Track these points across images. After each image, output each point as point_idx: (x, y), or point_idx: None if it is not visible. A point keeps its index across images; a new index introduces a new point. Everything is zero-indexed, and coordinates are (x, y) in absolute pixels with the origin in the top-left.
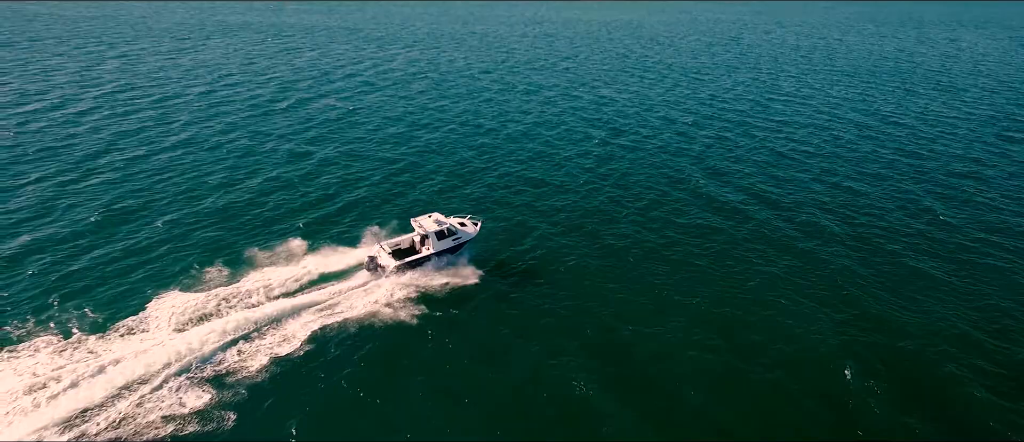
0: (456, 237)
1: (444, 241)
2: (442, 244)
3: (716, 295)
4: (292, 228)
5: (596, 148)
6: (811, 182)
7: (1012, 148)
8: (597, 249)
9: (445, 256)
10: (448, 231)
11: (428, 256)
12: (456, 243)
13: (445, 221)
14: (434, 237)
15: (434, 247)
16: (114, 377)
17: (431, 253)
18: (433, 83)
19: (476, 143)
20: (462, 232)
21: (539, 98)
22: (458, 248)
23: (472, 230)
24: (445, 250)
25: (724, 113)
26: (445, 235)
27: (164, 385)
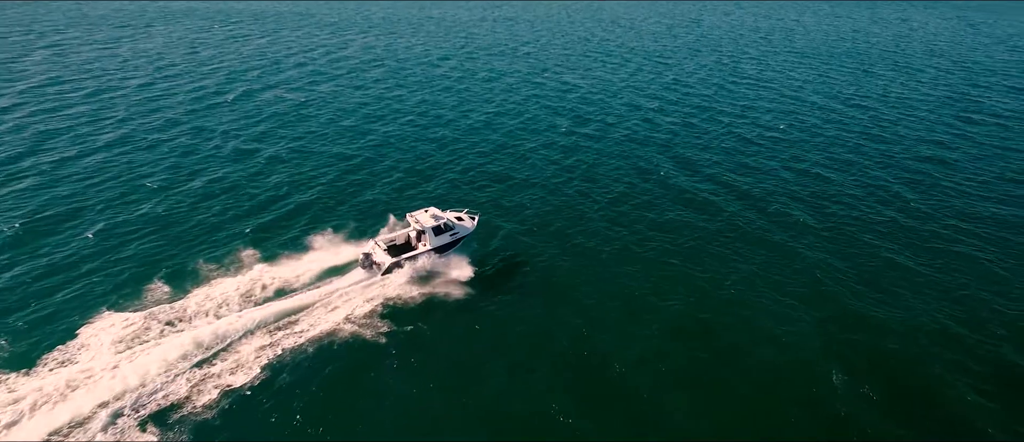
0: (453, 232)
1: (441, 237)
2: (439, 240)
3: (692, 296)
4: (240, 235)
5: (561, 138)
6: (780, 170)
7: (972, 129)
8: (567, 249)
9: (442, 252)
10: (445, 226)
11: (425, 252)
12: (453, 239)
13: (442, 216)
14: (431, 233)
15: (431, 243)
16: (38, 424)
17: (428, 249)
18: (390, 71)
19: (436, 135)
20: (459, 227)
21: (500, 85)
22: (455, 244)
23: (470, 225)
24: (442, 246)
25: (688, 98)
26: (442, 230)
27: (99, 429)
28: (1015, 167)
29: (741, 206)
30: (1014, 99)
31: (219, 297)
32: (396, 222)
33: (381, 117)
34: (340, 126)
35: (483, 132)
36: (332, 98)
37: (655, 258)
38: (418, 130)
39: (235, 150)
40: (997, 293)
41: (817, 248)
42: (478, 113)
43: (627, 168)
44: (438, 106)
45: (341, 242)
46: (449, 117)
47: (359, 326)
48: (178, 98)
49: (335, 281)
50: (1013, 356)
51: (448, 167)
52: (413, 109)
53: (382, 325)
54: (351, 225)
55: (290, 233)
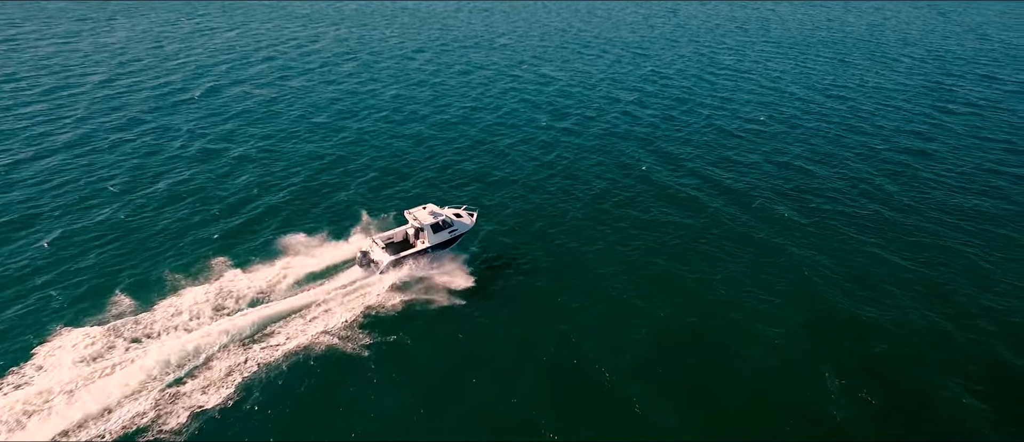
0: (452, 229)
1: (440, 234)
2: (438, 237)
3: (679, 298)
4: (208, 241)
5: (540, 133)
6: (763, 163)
7: (949, 120)
8: (550, 250)
9: (440, 250)
10: (443, 223)
11: (424, 250)
12: (453, 236)
13: (440, 212)
14: (429, 230)
15: (430, 241)
16: None
17: (427, 247)
18: (363, 64)
19: (412, 132)
20: (458, 224)
21: (477, 79)
22: (454, 241)
23: (469, 221)
24: (441, 243)
25: (667, 89)
26: (441, 227)
27: None
28: (993, 157)
29: (724, 202)
30: (986, 87)
31: (188, 309)
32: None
33: (354, 113)
34: (312, 123)
35: (460, 127)
36: (303, 93)
37: (639, 259)
38: (393, 126)
39: (202, 150)
40: (984, 288)
41: (803, 244)
42: (455, 108)
43: (608, 163)
44: (413, 101)
45: (316, 246)
46: (424, 112)
47: (338, 338)
48: (142, 95)
49: (332, 281)
50: (1005, 354)
51: (425, 165)
52: (387, 104)
53: (362, 336)
54: (325, 228)
55: (261, 238)
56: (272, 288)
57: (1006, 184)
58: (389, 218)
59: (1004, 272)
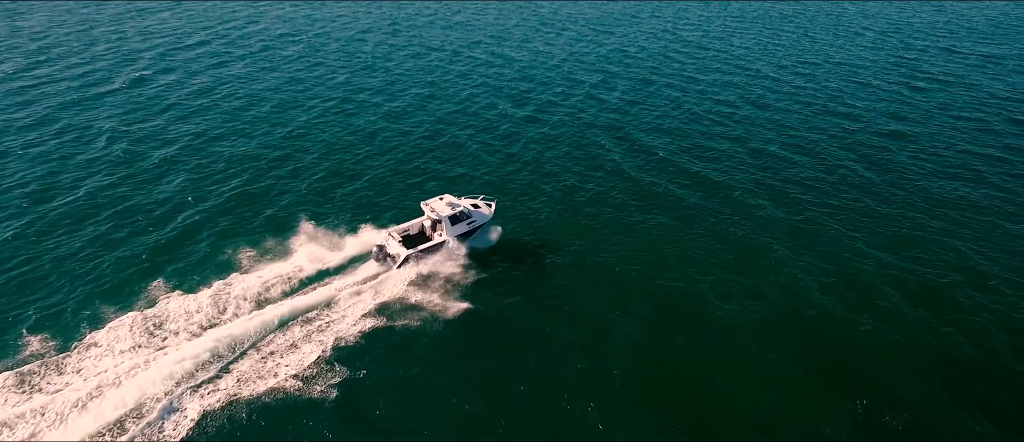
0: (471, 220)
1: (458, 225)
2: (457, 229)
3: (664, 320)
4: (135, 260)
5: (502, 122)
6: (737, 150)
7: (919, 98)
8: (522, 259)
9: (459, 242)
10: (462, 214)
11: (442, 243)
12: (471, 227)
13: (458, 203)
14: (448, 222)
15: (449, 233)
16: None
17: (445, 239)
18: (309, 47)
19: (362, 124)
20: (477, 214)
21: (432, 61)
22: (473, 233)
23: (487, 212)
24: (459, 236)
25: (632, 70)
26: (459, 219)
27: None
28: (966, 136)
29: (702, 196)
30: (949, 61)
31: (118, 344)
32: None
33: (299, 103)
34: (252, 116)
35: (416, 117)
36: (242, 82)
37: (620, 271)
38: (341, 118)
39: (126, 152)
40: (975, 283)
41: (787, 244)
42: (409, 95)
43: (577, 155)
44: (364, 88)
45: (263, 262)
46: (377, 101)
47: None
48: (60, 87)
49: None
50: (1014, 363)
51: (378, 162)
52: (336, 92)
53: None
54: (268, 240)
55: (197, 254)
56: (223, 317)
57: (985, 168)
58: (342, 229)
59: (999, 268)
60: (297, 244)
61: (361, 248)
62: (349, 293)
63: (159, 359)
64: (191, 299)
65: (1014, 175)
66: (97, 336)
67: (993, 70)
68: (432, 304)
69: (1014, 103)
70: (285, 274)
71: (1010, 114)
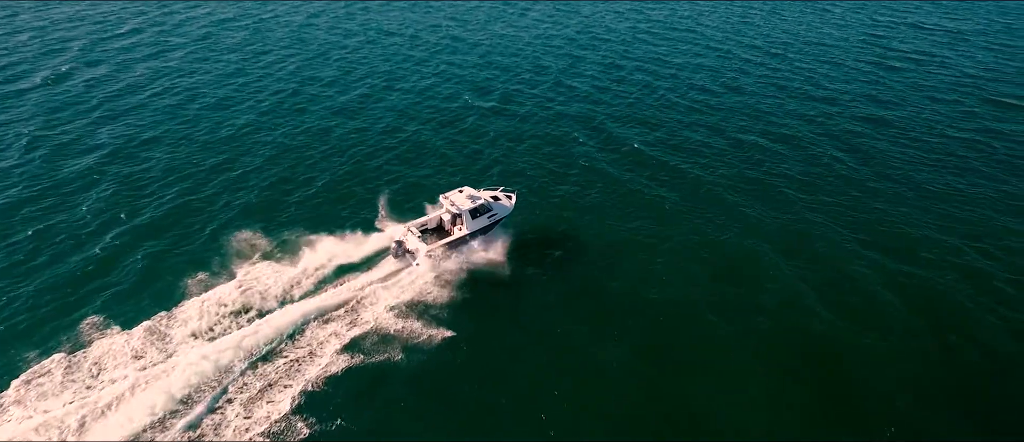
0: (491, 214)
1: (479, 219)
2: (477, 223)
3: (656, 339)
4: (58, 294)
5: (466, 113)
6: (716, 141)
7: (894, 79)
8: (499, 274)
9: (479, 236)
10: (482, 208)
11: (463, 238)
12: (491, 221)
13: (479, 196)
14: (468, 215)
15: (469, 227)
16: None
17: (465, 234)
18: (254, 33)
19: (314, 121)
20: (498, 207)
21: (388, 49)
22: (493, 226)
23: (508, 204)
24: (479, 229)
25: (600, 53)
26: (480, 212)
27: None
28: (944, 120)
29: (682, 195)
30: (916, 37)
31: (39, 402)
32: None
33: (244, 99)
34: (192, 114)
35: (373, 111)
36: (181, 75)
37: (595, 290)
38: (289, 117)
39: (44, 160)
40: (980, 291)
41: (778, 247)
42: (364, 86)
43: (550, 152)
44: (315, 79)
45: (210, 285)
46: (329, 94)
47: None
48: None
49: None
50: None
51: (334, 164)
52: (284, 85)
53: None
54: (214, 259)
55: (130, 280)
56: (160, 352)
57: (970, 155)
58: (299, 244)
59: (999, 271)
60: (248, 263)
61: (323, 263)
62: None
63: (89, 410)
64: (125, 337)
65: (1000, 161)
66: (6, 396)
67: (961, 47)
68: (412, 333)
69: (986, 82)
70: (236, 298)
71: (984, 93)
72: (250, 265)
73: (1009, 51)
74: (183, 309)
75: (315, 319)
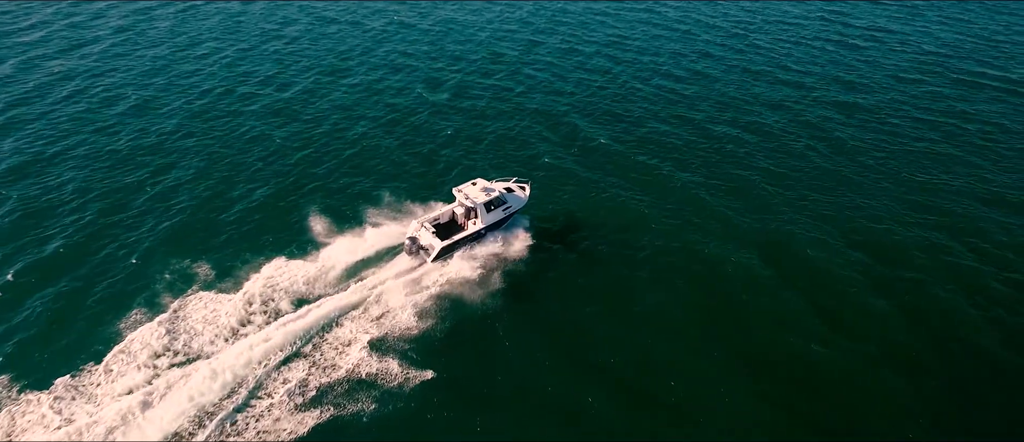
0: (506, 206)
1: (494, 212)
2: (492, 216)
3: (641, 383)
4: None
5: (418, 109)
6: (687, 135)
7: (857, 60)
8: (471, 306)
9: (494, 230)
10: (498, 200)
11: (478, 233)
12: (507, 214)
13: (493, 188)
14: (483, 209)
15: (484, 221)
16: None
17: (481, 229)
18: (179, 23)
19: (249, 125)
20: (512, 199)
21: (327, 36)
22: (507, 220)
23: (522, 195)
24: (495, 224)
25: (558, 36)
26: (495, 205)
27: None
28: (916, 102)
29: (654, 198)
30: (873, 12)
31: None
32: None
33: (166, 102)
34: (104, 122)
35: (315, 107)
36: (93, 75)
37: (582, 312)
38: (223, 120)
39: None
40: (983, 313)
41: (769, 265)
42: (303, 81)
43: (512, 153)
44: (250, 76)
45: (142, 322)
46: (265, 93)
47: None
48: None
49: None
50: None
51: (271, 175)
52: (214, 84)
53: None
54: (142, 296)
55: (35, 327)
56: None
57: (943, 140)
58: (240, 275)
59: (989, 265)
60: (183, 297)
61: (269, 292)
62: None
63: None
64: (37, 400)
65: (976, 146)
66: None
67: (918, 22)
68: (389, 376)
69: (946, 59)
70: (169, 340)
71: (947, 72)
72: (185, 299)
73: (961, 24)
74: (109, 359)
75: (282, 362)
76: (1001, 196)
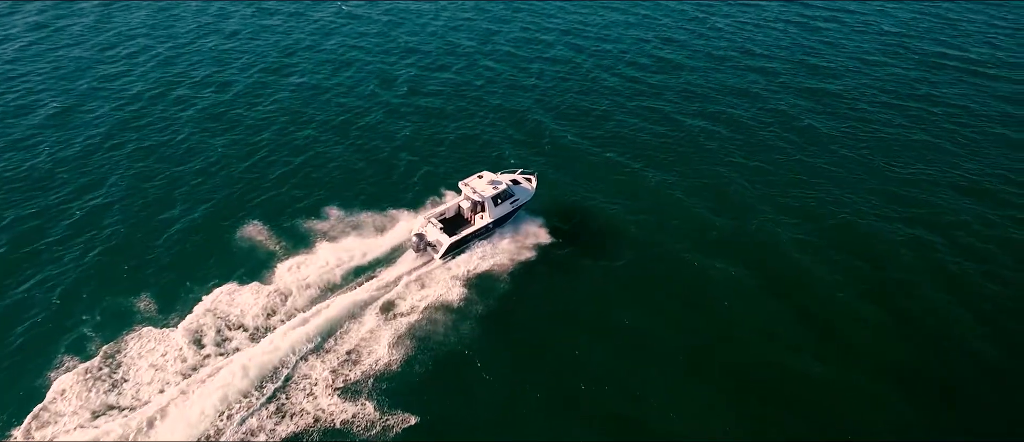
0: (514, 199)
1: (502, 206)
2: (500, 210)
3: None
4: None
5: (370, 109)
6: (655, 131)
7: (820, 44)
8: (439, 335)
9: (501, 224)
10: (505, 193)
11: (486, 227)
12: (514, 207)
13: (500, 181)
14: (491, 203)
15: (492, 215)
16: None
17: (489, 223)
18: (102, 19)
19: (184, 135)
20: (520, 191)
21: (269, 30)
22: (514, 213)
23: (529, 188)
24: (502, 218)
25: (517, 24)
26: (502, 198)
27: None
28: (881, 85)
29: (625, 202)
30: None
31: None
32: None
33: (90, 109)
34: (13, 133)
35: (257, 114)
36: (2, 80)
37: (564, 346)
38: (155, 130)
39: None
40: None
41: (730, 261)
42: (243, 81)
43: (473, 158)
44: (185, 77)
45: (75, 365)
46: (202, 96)
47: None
48: None
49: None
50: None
51: (210, 189)
52: (145, 87)
53: None
54: (61, 346)
55: None
56: None
57: (913, 126)
58: (175, 313)
59: (967, 262)
60: (115, 343)
61: (211, 331)
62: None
63: None
64: None
65: (946, 131)
66: None
67: (875, 2)
68: (364, 423)
69: (907, 39)
70: (102, 399)
71: (910, 53)
72: (122, 341)
73: (915, 2)
74: (31, 422)
75: None
76: (977, 185)
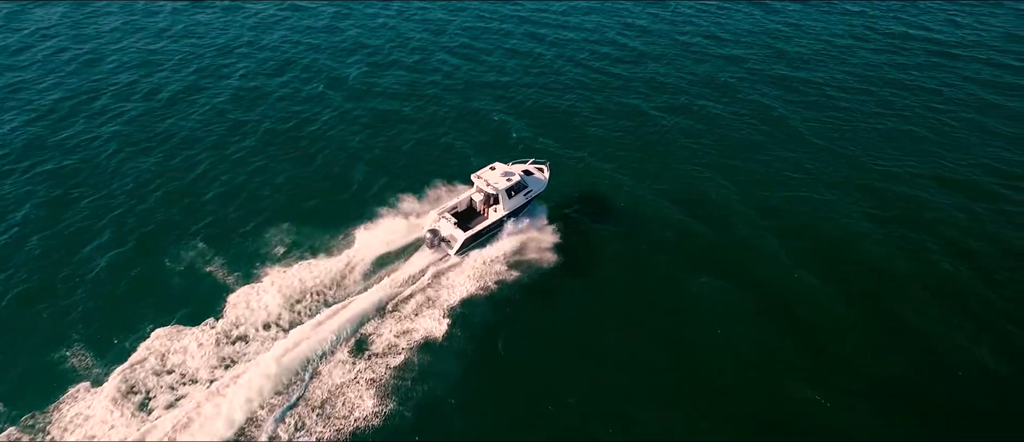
0: (527, 191)
1: (516, 198)
2: (514, 202)
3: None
4: None
5: (319, 112)
6: (623, 123)
7: (783, 22)
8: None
9: (514, 216)
10: (519, 185)
11: (501, 221)
12: (528, 199)
13: (512, 172)
14: (505, 195)
15: (506, 207)
16: None
17: (504, 216)
18: (7, 18)
19: (106, 155)
20: (533, 182)
21: (201, 24)
22: (527, 205)
23: (542, 178)
24: (516, 210)
25: (465, 14)
26: (516, 190)
27: None
28: (851, 70)
29: (602, 212)
30: None
31: None
32: None
33: (21, 108)
34: None
35: (190, 120)
36: None
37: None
38: (73, 147)
39: None
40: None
41: (711, 277)
42: (174, 83)
43: (436, 164)
44: (109, 83)
45: None
46: (128, 106)
47: None
48: None
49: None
50: None
51: (141, 223)
52: (62, 95)
53: None
54: None
55: None
56: None
57: (900, 124)
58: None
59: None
60: (54, 410)
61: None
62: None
63: None
64: None
65: (920, 117)
66: None
67: None
68: None
69: (871, 19)
70: None
71: (876, 34)
72: (54, 408)
73: None
74: None
75: None
76: (954, 174)
